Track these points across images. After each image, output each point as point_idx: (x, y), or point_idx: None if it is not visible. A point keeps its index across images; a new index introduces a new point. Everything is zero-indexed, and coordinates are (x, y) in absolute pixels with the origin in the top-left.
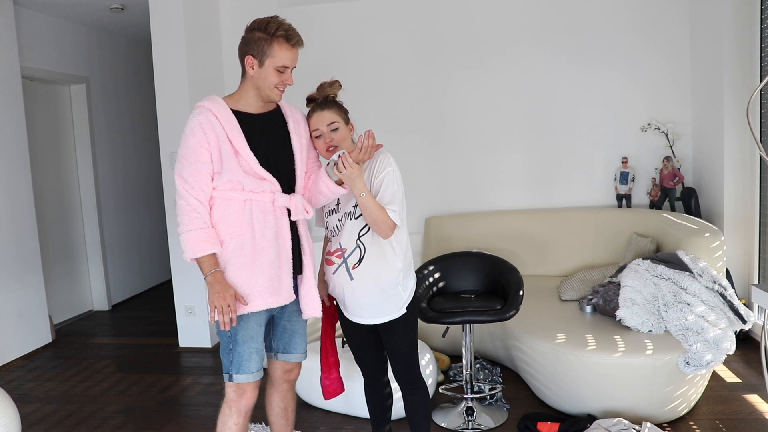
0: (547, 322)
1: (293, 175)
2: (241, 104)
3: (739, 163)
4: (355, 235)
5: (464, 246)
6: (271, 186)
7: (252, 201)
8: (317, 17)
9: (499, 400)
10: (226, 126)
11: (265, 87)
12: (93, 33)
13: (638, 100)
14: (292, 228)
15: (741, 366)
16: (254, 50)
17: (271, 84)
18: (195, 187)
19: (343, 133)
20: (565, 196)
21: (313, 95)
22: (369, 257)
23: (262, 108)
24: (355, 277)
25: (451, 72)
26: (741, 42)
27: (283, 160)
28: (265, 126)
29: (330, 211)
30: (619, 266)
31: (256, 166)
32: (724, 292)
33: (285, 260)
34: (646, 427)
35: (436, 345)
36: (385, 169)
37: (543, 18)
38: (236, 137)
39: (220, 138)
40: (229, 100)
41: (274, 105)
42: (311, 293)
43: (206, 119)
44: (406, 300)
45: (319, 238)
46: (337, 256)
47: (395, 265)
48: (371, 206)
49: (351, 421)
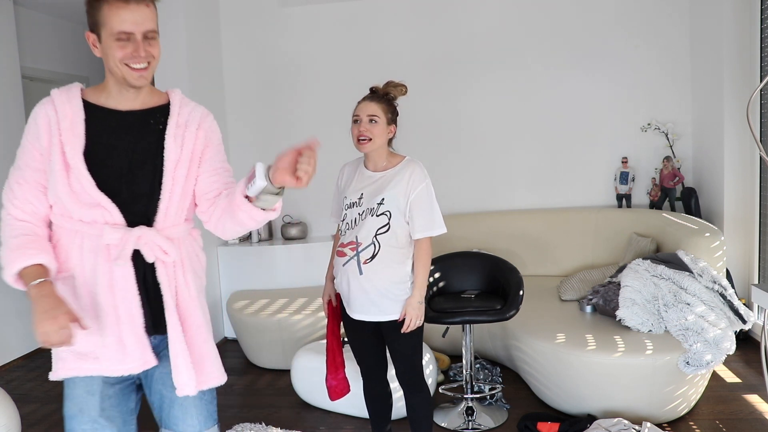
0: (547, 322)
1: (155, 200)
2: (104, 96)
3: (739, 163)
4: (373, 232)
5: (464, 246)
6: (104, 215)
7: (83, 234)
8: (317, 17)
9: (499, 400)
10: (63, 124)
11: (114, 68)
12: None
13: (638, 100)
14: (146, 275)
15: (741, 366)
16: (89, 23)
17: (116, 60)
18: (21, 198)
19: (380, 130)
20: (565, 196)
21: (376, 87)
22: (382, 256)
23: (134, 102)
24: (364, 272)
25: (450, 74)
26: (741, 42)
27: (144, 177)
28: (130, 127)
29: (351, 203)
30: (619, 266)
31: (90, 186)
32: (724, 292)
33: (126, 317)
34: (646, 427)
35: (436, 345)
36: (422, 182)
37: (543, 18)
38: (71, 142)
39: (53, 141)
40: (91, 91)
41: (163, 98)
42: (181, 365)
43: (44, 112)
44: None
45: (322, 238)
46: (351, 249)
47: (405, 268)
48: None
49: (351, 421)
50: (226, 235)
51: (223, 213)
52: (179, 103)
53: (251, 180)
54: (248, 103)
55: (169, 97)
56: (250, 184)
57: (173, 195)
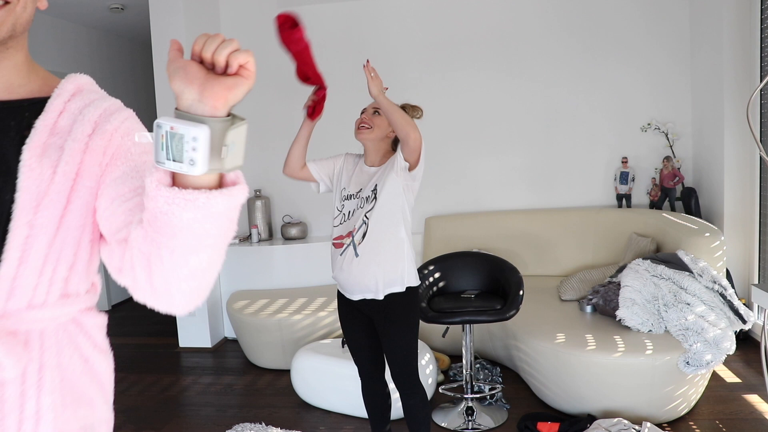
0: (547, 322)
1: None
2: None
3: (739, 163)
4: (363, 213)
5: (464, 246)
6: None
7: None
8: (317, 17)
9: (499, 400)
10: None
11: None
12: (93, 33)
13: (638, 100)
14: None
15: (741, 366)
16: None
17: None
18: None
19: (382, 122)
20: (565, 196)
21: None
22: (372, 231)
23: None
24: (360, 254)
25: (451, 73)
26: (741, 42)
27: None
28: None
29: (349, 195)
30: (619, 266)
31: None
32: (724, 292)
33: None
34: (646, 427)
35: (436, 345)
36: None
37: (543, 19)
38: None
39: None
40: None
41: (52, 87)
42: None
43: None
44: (407, 273)
45: (322, 238)
46: (347, 237)
47: (398, 235)
48: (387, 103)
49: (351, 421)
50: (171, 294)
51: (146, 240)
52: (69, 93)
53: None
54: (248, 104)
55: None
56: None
57: (28, 255)
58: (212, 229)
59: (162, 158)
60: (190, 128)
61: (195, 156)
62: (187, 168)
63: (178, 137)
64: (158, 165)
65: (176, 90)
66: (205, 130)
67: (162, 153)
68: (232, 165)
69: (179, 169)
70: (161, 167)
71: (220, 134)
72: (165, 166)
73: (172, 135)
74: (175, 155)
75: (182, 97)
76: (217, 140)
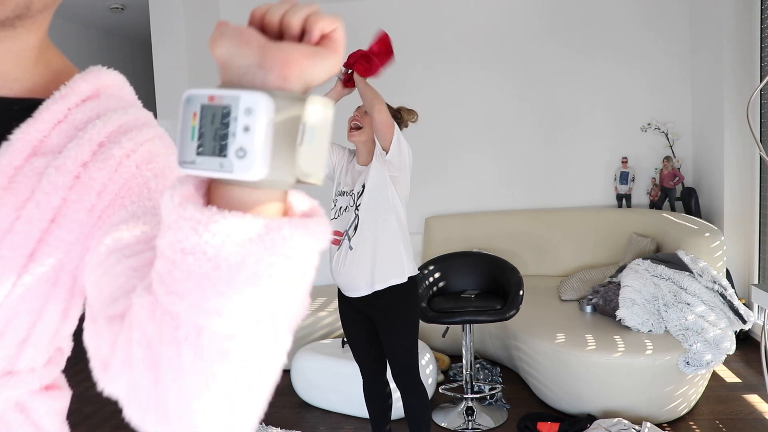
0: (547, 322)
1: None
2: None
3: (739, 163)
4: (354, 208)
5: (464, 246)
6: None
7: None
8: None
9: (499, 400)
10: None
11: None
12: (93, 33)
13: (638, 100)
14: None
15: (741, 366)
16: None
17: None
18: None
19: (371, 120)
20: (565, 196)
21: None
22: (364, 222)
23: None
24: (354, 246)
25: (450, 71)
26: (741, 42)
27: None
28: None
29: (342, 192)
30: (619, 266)
31: None
32: (724, 292)
33: None
34: (646, 427)
35: (436, 345)
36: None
37: (543, 19)
38: None
39: None
40: None
41: (60, 81)
42: None
43: None
44: (407, 262)
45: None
46: (343, 234)
47: (390, 224)
48: (363, 83)
49: (351, 421)
50: (191, 418)
51: (155, 317)
52: (80, 95)
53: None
54: None
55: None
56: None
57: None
58: (277, 291)
59: (190, 154)
60: (242, 94)
61: (248, 144)
62: (233, 165)
63: (220, 114)
64: (184, 167)
65: (222, 55)
66: (265, 98)
67: (191, 145)
68: (310, 169)
69: (220, 169)
70: (189, 170)
71: (290, 115)
72: (195, 166)
73: (211, 112)
74: (212, 146)
75: (231, 63)
76: (285, 123)
